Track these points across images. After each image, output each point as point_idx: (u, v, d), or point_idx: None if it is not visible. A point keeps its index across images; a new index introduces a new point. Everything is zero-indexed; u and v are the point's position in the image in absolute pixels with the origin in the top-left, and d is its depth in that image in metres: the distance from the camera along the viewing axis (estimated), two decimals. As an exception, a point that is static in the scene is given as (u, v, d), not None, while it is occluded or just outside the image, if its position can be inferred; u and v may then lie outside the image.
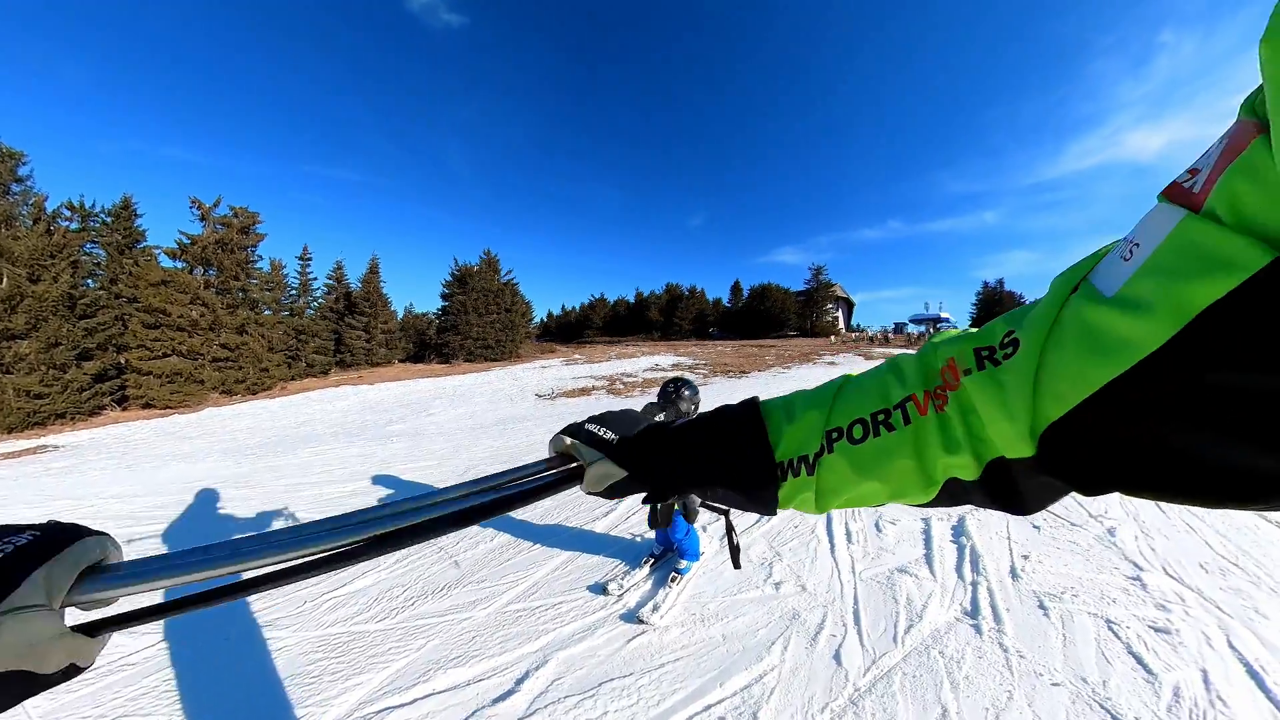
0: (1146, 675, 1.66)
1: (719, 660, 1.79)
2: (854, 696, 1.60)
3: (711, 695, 1.61)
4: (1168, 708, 1.53)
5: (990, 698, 1.58)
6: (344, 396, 17.14)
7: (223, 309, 19.39)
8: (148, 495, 4.73)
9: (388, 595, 2.51)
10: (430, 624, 2.23)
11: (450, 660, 1.93)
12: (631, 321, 51.98)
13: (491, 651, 1.96)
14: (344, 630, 2.22)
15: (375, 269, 27.65)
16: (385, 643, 2.11)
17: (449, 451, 6.00)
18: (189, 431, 12.44)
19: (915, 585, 2.26)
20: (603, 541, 2.93)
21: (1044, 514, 3.10)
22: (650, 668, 1.76)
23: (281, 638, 2.21)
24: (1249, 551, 2.48)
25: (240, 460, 6.99)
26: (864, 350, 21.16)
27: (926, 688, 1.63)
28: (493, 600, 2.37)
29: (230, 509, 4.17)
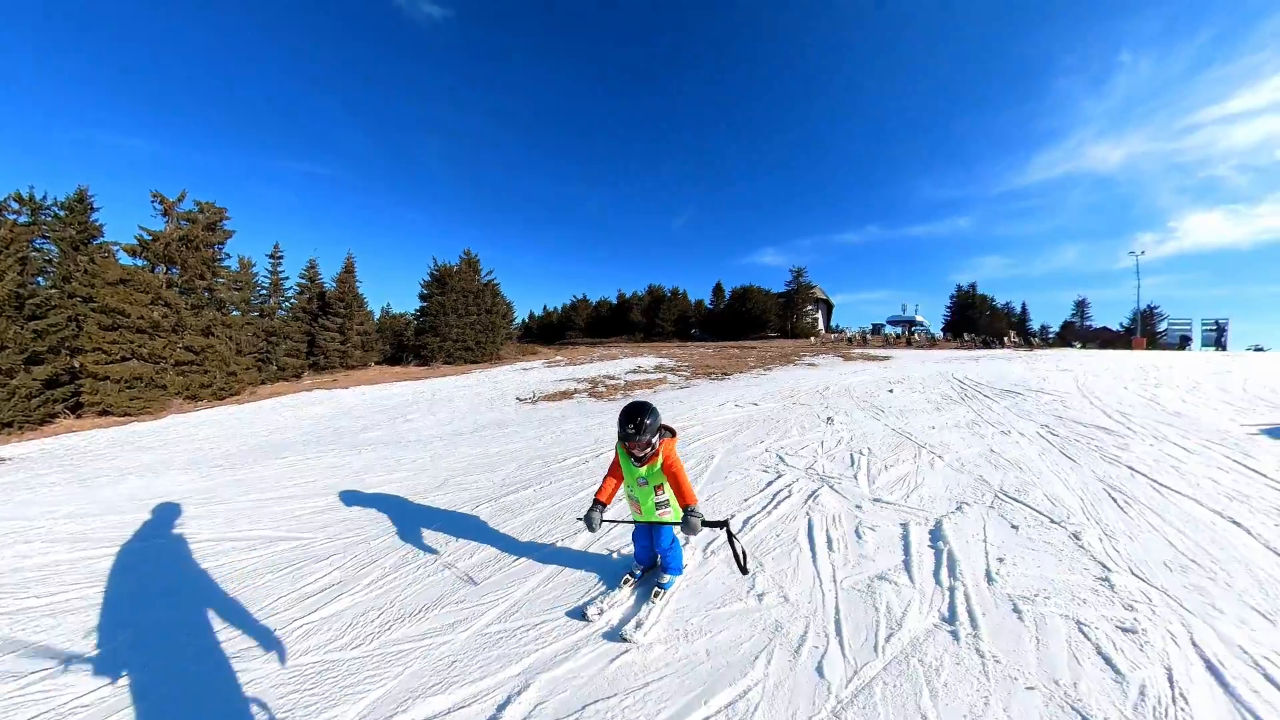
0: (1115, 675, 1.73)
1: (703, 677, 1.82)
2: (836, 709, 1.64)
3: (696, 714, 1.64)
4: (1134, 707, 1.60)
5: (968, 704, 1.63)
6: (318, 402, 16.61)
7: (187, 310, 18.56)
8: (104, 514, 4.44)
9: (363, 619, 2.45)
10: (407, 649, 2.18)
11: (429, 688, 1.90)
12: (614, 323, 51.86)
13: (472, 676, 1.94)
14: (317, 659, 2.15)
15: (351, 268, 26.86)
16: (361, 671, 2.05)
17: (426, 461, 5.87)
18: (150, 441, 11.84)
19: (894, 592, 2.33)
20: (581, 558, 2.91)
21: (1022, 513, 3.24)
22: (634, 688, 1.77)
23: (251, 670, 2.11)
24: (1206, 548, 2.64)
25: (206, 473, 6.69)
26: (843, 351, 21.66)
27: (907, 696, 1.68)
28: (472, 622, 2.34)
29: (193, 528, 3.95)
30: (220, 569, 3.16)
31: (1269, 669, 1.73)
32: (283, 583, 2.91)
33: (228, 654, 2.22)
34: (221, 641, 2.34)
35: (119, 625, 2.51)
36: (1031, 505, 3.36)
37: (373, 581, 2.84)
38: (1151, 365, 10.45)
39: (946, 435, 5.48)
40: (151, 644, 2.33)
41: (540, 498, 4.14)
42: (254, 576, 3.01)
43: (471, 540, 3.34)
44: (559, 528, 3.41)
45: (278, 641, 2.29)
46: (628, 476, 2.31)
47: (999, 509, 3.33)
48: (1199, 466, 3.99)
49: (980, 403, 7.32)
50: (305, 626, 2.42)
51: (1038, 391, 7.80)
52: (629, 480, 2.31)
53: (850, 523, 3.21)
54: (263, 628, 2.43)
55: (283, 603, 2.67)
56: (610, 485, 2.35)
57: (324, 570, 3.04)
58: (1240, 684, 1.67)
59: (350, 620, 2.45)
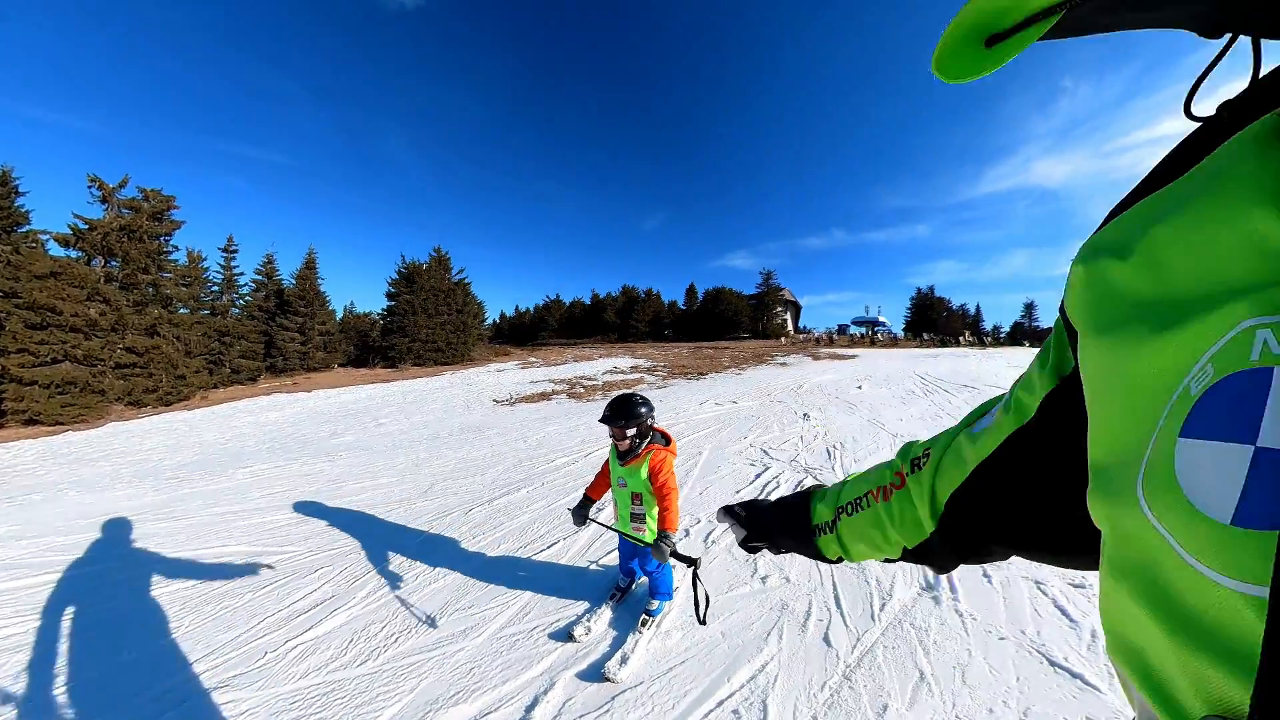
0: (1070, 623, 2.07)
1: (722, 657, 1.95)
2: (846, 672, 1.85)
3: (721, 691, 1.77)
4: (1087, 646, 1.91)
5: (955, 657, 1.90)
6: (278, 406, 15.75)
7: (129, 307, 17.17)
8: (37, 535, 4.06)
9: (364, 634, 2.34)
10: (419, 660, 2.10)
11: (450, 697, 1.86)
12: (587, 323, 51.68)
13: (494, 681, 1.92)
14: (320, 680, 2.04)
15: (312, 263, 25.58)
16: (371, 688, 1.96)
17: (408, 466, 5.75)
18: (89, 452, 10.89)
19: (881, 568, 2.58)
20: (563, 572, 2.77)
21: None
22: (659, 673, 1.87)
23: (242, 699, 1.93)
24: None
25: (159, 485, 6.24)
26: (812, 351, 22.49)
27: (904, 655, 1.92)
28: (485, 626, 2.29)
29: (150, 545, 3.66)
30: (189, 590, 2.91)
31: None
32: (266, 601, 2.72)
33: (209, 686, 2.01)
34: (201, 673, 2.12)
35: (70, 666, 2.22)
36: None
37: (370, 594, 2.72)
38: None
39: (914, 427, 5.89)
40: (113, 685, 2.05)
41: (533, 499, 4.12)
42: (231, 596, 2.80)
43: (471, 545, 3.28)
44: (558, 528, 3.39)
45: (270, 665, 2.14)
46: (612, 473, 2.21)
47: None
48: None
49: (941, 396, 7.87)
50: (300, 646, 2.28)
51: (992, 386, 8.46)
52: (612, 478, 2.21)
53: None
54: (250, 651, 2.26)
55: (270, 622, 2.51)
56: (601, 482, 2.29)
57: (312, 585, 2.88)
58: None
59: (350, 636, 2.34)
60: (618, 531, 2.14)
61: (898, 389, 9.04)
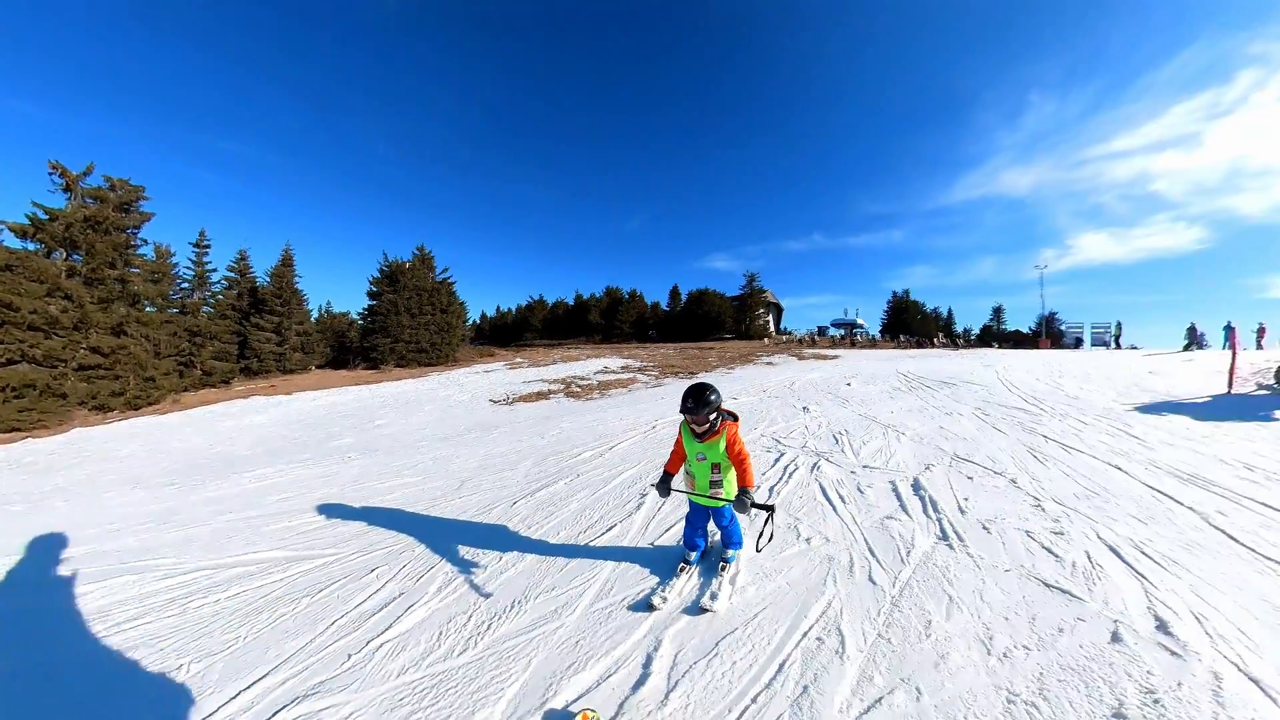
0: (1056, 558, 2.57)
1: (793, 602, 2.30)
2: (894, 600, 2.28)
3: (803, 625, 2.11)
4: (1069, 573, 2.42)
5: (972, 585, 2.36)
6: (260, 409, 15.23)
7: (93, 304, 16.17)
8: (35, 549, 3.70)
9: (451, 626, 2.29)
10: (521, 642, 2.12)
11: (566, 669, 1.92)
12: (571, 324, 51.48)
13: (604, 650, 2.02)
14: (422, 674, 1.99)
15: (289, 261, 24.63)
16: (482, 673, 1.94)
17: (430, 465, 5.78)
18: (57, 460, 10.29)
19: (901, 526, 3.05)
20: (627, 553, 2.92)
21: (973, 469, 4.12)
22: (748, 619, 2.15)
23: (343, 703, 1.84)
24: (1100, 485, 3.66)
25: (157, 493, 5.97)
26: (795, 351, 23.24)
27: (934, 586, 2.37)
28: (574, 604, 2.36)
29: (171, 556, 3.37)
30: (234, 600, 2.73)
31: (1146, 549, 2.66)
32: (328, 605, 2.59)
33: (299, 694, 1.91)
34: (283, 681, 1.99)
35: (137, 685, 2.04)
36: (978, 463, 4.26)
37: (442, 588, 2.65)
38: (1055, 361, 12.45)
39: (904, 418, 6.36)
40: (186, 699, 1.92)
41: (575, 490, 4.26)
42: (285, 603, 2.63)
43: (528, 534, 3.36)
44: (610, 514, 3.55)
45: (359, 667, 2.05)
46: (688, 451, 2.49)
47: (956, 467, 4.18)
48: (1092, 434, 5.12)
49: (924, 392, 8.43)
50: (386, 645, 2.20)
51: (969, 383, 9.10)
52: (689, 455, 2.48)
53: (851, 484, 3.89)
54: (330, 656, 2.14)
55: (342, 625, 2.38)
56: (676, 459, 2.59)
57: (373, 585, 2.77)
58: (1130, 556, 2.57)
59: (436, 630, 2.28)
60: (700, 495, 2.48)
61: (884, 386, 9.60)
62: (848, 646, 1.95)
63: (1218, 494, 3.36)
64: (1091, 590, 2.26)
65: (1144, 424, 5.47)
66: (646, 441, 5.88)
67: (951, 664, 1.81)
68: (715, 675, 1.82)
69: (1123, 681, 1.69)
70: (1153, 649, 1.84)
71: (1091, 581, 2.33)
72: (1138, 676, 1.70)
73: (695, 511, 2.61)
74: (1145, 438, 4.88)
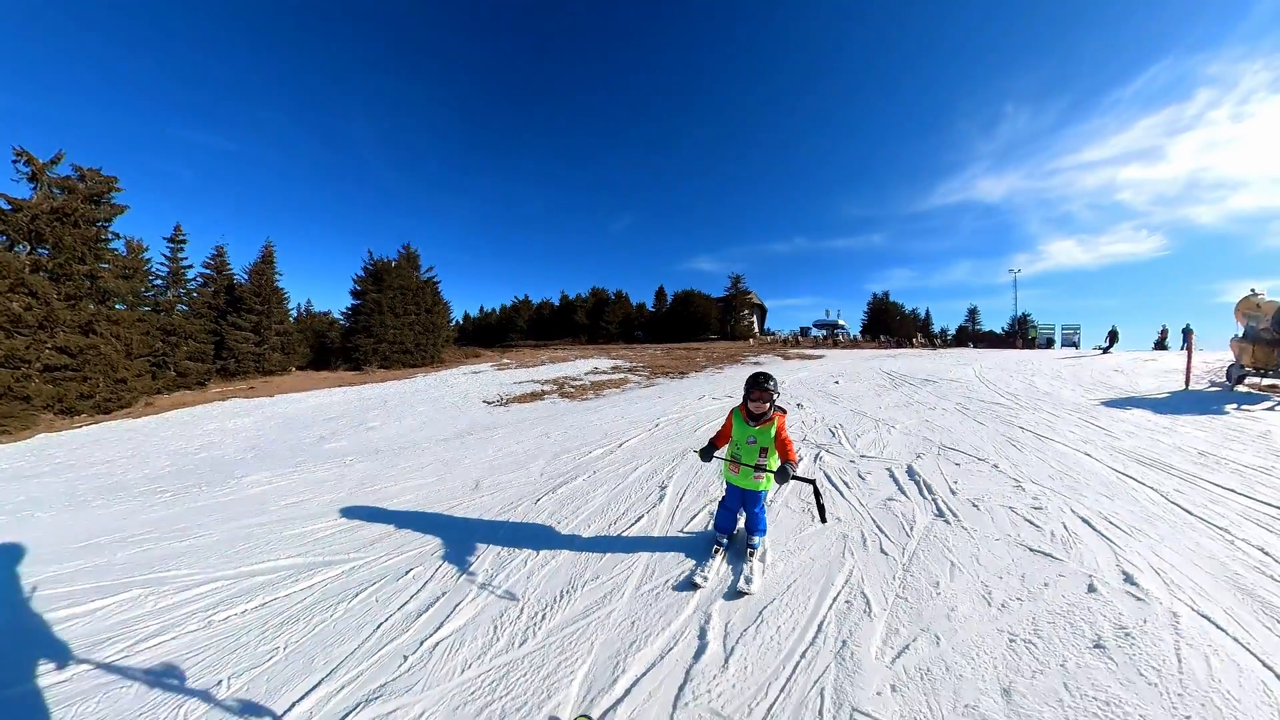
0: (1037, 528, 2.96)
1: (820, 572, 2.59)
2: (906, 565, 2.62)
3: (831, 593, 2.40)
4: (1049, 540, 2.79)
5: (968, 553, 2.72)
6: (244, 412, 14.81)
7: (60, 300, 15.39)
8: (25, 564, 3.49)
9: (505, 620, 2.32)
10: (579, 628, 2.20)
11: (629, 647, 2.04)
12: (557, 324, 51.31)
13: (658, 628, 2.16)
14: (487, 668, 2.01)
15: (269, 258, 23.87)
16: (547, 661, 2.00)
17: (439, 466, 5.78)
18: (25, 467, 9.76)
19: (901, 506, 3.42)
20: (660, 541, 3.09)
21: (959, 456, 4.52)
22: (782, 591, 2.41)
23: (410, 705, 1.82)
24: (1071, 468, 4.09)
25: (147, 500, 5.72)
26: (781, 351, 23.85)
27: (937, 553, 2.73)
28: (622, 590, 2.48)
29: (182, 567, 3.23)
30: (262, 610, 2.60)
31: (1113, 520, 3.04)
32: (367, 609, 2.52)
33: (361, 699, 1.87)
34: (341, 688, 1.93)
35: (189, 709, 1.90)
36: (963, 451, 4.67)
37: (486, 584, 2.66)
38: (1028, 361, 13.24)
39: (892, 413, 6.77)
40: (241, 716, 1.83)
41: (596, 485, 4.39)
42: (319, 610, 2.54)
43: (560, 528, 3.44)
44: (636, 506, 3.70)
45: (419, 667, 2.02)
46: (738, 435, 2.72)
47: (944, 455, 4.58)
48: (1063, 425, 5.60)
49: (908, 389, 8.92)
50: (441, 644, 2.17)
51: (949, 380, 9.65)
52: (739, 439, 2.72)
53: (852, 471, 4.23)
54: (385, 659, 2.10)
55: (389, 629, 2.33)
56: (722, 438, 2.85)
57: (412, 587, 2.72)
58: (1100, 526, 2.96)
59: (490, 625, 2.29)
60: (741, 478, 2.75)
61: (869, 384, 10.07)
62: (873, 606, 2.23)
63: (1174, 475, 3.80)
64: (1069, 553, 2.61)
65: (1109, 416, 6.00)
66: (653, 439, 6.10)
67: (960, 614, 2.11)
68: (765, 639, 2.06)
69: (1100, 621, 2.01)
70: (1122, 596, 2.18)
71: (1068, 546, 2.68)
72: (1111, 617, 2.03)
73: (730, 496, 2.85)
74: (1111, 428, 5.38)
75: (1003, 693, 1.67)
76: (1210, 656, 1.80)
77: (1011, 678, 1.74)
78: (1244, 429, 5.12)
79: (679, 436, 6.09)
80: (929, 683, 1.73)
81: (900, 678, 1.76)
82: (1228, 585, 2.27)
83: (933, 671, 1.79)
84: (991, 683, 1.72)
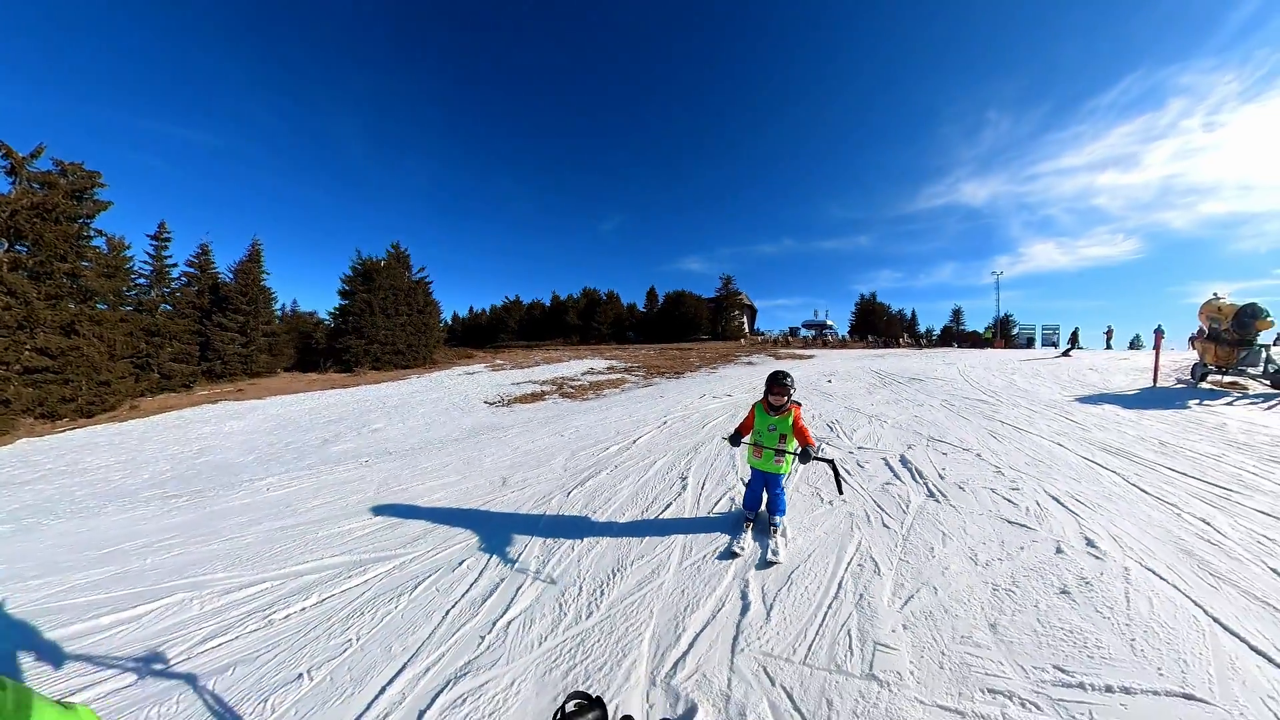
0: (1014, 505, 3.42)
1: (834, 543, 2.99)
2: (905, 536, 3.04)
3: (845, 558, 2.81)
4: (1024, 515, 3.24)
5: (956, 525, 3.15)
6: (236, 415, 14.65)
7: (40, 300, 14.96)
8: (48, 574, 3.41)
9: (566, 599, 2.54)
10: (635, 599, 2.48)
11: (684, 610, 2.36)
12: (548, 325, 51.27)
13: (705, 593, 2.49)
14: (563, 639, 2.23)
15: (257, 256, 23.40)
16: (614, 628, 2.26)
17: (458, 465, 5.92)
18: (11, 475, 9.36)
19: (898, 489, 3.88)
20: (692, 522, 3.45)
21: (946, 447, 5.00)
22: (804, 560, 2.80)
23: (500, 676, 1.97)
24: (1045, 456, 4.56)
25: (161, 505, 5.63)
26: (772, 351, 24.46)
27: (930, 526, 3.16)
28: (667, 565, 2.78)
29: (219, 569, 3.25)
30: (322, 608, 2.65)
31: (1079, 499, 3.50)
32: (430, 600, 2.63)
33: (450, 677, 2.00)
34: (427, 671, 2.05)
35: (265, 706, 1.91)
36: (950, 443, 5.17)
37: (539, 570, 2.88)
38: (1009, 360, 14.04)
39: (883, 409, 7.27)
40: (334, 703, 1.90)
41: (620, 477, 4.67)
42: (380, 604, 2.63)
43: (596, 517, 3.70)
44: (668, 492, 4.06)
45: (497, 644, 2.19)
46: (760, 425, 3.11)
47: (933, 446, 5.06)
48: (1040, 419, 6.15)
49: (896, 387, 9.47)
50: (514, 623, 2.36)
51: (934, 379, 10.24)
52: (760, 427, 3.11)
53: (851, 461, 4.69)
54: (462, 640, 2.25)
55: (457, 615, 2.46)
56: (746, 428, 3.25)
57: (468, 576, 2.86)
58: (1068, 503, 3.41)
59: (554, 604, 2.48)
60: (755, 470, 3.17)
61: (860, 383, 10.61)
62: (881, 568, 2.63)
63: (1136, 462, 4.31)
64: (1041, 524, 3.07)
65: (1083, 411, 6.58)
66: (664, 435, 6.45)
67: (953, 572, 2.52)
68: (797, 595, 2.44)
69: (1065, 574, 2.44)
70: (1083, 556, 2.62)
71: (1040, 519, 3.14)
72: (1074, 571, 2.47)
73: (755, 479, 3.26)
74: (1083, 421, 5.94)
75: (990, 627, 2.07)
76: (1152, 598, 2.23)
77: (996, 616, 2.15)
78: (1203, 421, 5.68)
79: (688, 433, 6.46)
80: (932, 621, 2.13)
81: (909, 619, 2.16)
82: (1172, 548, 2.73)
83: (934, 614, 2.19)
84: (981, 620, 2.12)
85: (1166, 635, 1.99)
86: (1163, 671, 1.80)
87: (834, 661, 1.93)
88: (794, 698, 1.76)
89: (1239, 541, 2.76)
